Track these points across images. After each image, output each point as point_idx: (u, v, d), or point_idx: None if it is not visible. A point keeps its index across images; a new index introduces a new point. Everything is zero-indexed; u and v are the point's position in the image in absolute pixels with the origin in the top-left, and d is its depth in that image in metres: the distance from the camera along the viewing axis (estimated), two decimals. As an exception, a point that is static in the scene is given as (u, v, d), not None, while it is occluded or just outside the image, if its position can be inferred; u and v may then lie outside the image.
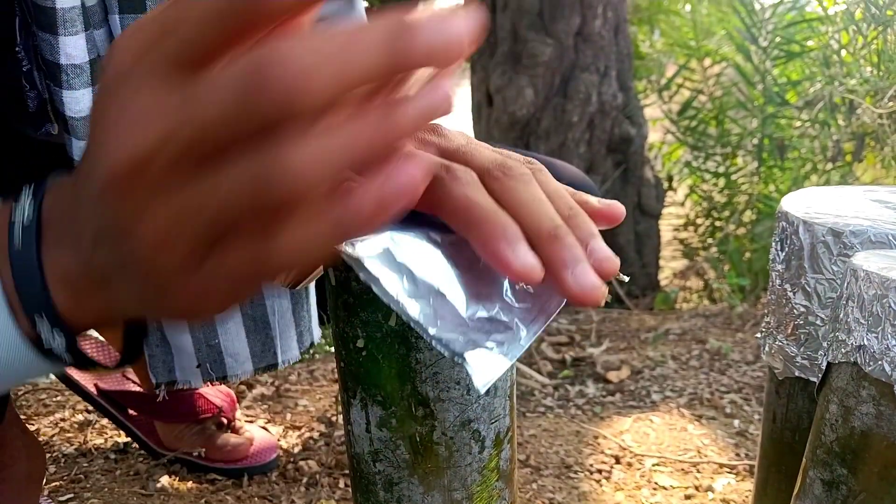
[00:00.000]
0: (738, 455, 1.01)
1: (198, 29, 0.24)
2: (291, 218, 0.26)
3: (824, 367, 0.43)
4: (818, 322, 0.51)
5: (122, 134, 0.25)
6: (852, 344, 0.41)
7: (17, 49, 0.47)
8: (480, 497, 0.39)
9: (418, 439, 0.37)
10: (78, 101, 0.49)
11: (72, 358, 0.34)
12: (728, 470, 0.97)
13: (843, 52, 1.97)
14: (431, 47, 0.24)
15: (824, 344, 0.44)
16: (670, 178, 2.48)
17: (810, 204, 0.54)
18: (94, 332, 0.76)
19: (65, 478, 0.92)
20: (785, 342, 0.54)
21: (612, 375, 1.30)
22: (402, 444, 0.37)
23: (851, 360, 0.41)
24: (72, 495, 0.87)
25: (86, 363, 0.35)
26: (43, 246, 0.33)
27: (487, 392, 0.37)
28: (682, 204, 2.49)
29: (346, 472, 0.96)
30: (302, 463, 0.97)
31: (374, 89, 0.26)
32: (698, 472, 0.97)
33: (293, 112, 0.23)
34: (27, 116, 0.51)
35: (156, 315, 0.33)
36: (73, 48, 0.47)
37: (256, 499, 0.89)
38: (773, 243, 0.54)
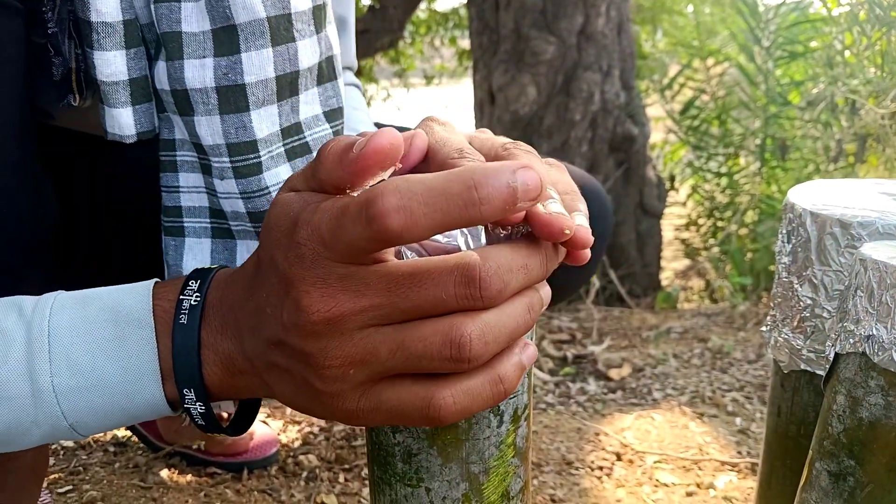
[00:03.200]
0: (739, 453, 1.00)
1: (360, 242, 0.31)
2: (462, 376, 0.33)
3: (832, 358, 0.43)
4: (825, 315, 0.51)
5: (324, 295, 0.32)
6: (861, 334, 0.40)
7: (43, 9, 0.45)
8: (497, 472, 0.39)
9: None
10: (109, 63, 0.46)
11: (204, 423, 0.40)
12: (730, 467, 0.96)
13: (847, 53, 1.97)
14: (502, 199, 0.31)
15: (831, 335, 0.44)
16: (672, 178, 2.48)
17: (817, 196, 0.53)
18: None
19: (64, 470, 0.91)
20: (791, 335, 0.53)
21: (614, 373, 1.30)
22: None
23: (860, 350, 0.40)
24: (70, 487, 0.87)
25: (214, 429, 0.41)
26: (204, 327, 0.38)
27: None
28: (684, 204, 2.49)
29: (346, 466, 0.95)
30: (302, 457, 0.97)
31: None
32: (700, 469, 0.96)
33: (490, 307, 0.32)
34: (51, 86, 0.48)
35: (303, 410, 0.39)
36: (104, 5, 0.45)
37: (256, 493, 0.88)
38: (780, 235, 0.54)
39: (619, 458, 0.99)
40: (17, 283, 0.50)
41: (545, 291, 0.37)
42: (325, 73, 0.52)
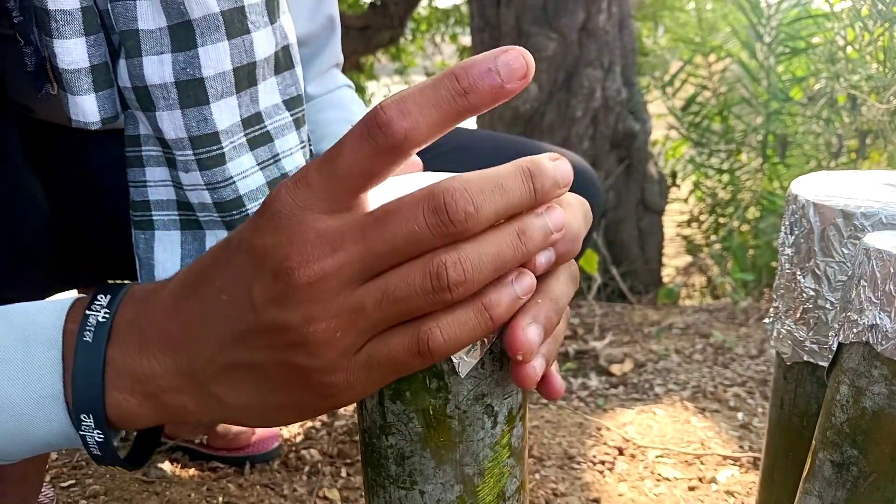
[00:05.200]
0: (741, 447, 1.00)
1: (363, 163, 0.31)
2: (448, 308, 0.32)
3: (835, 348, 0.43)
4: (827, 306, 0.51)
5: (303, 254, 0.31)
6: (864, 323, 0.40)
7: None
8: (492, 473, 0.39)
9: (431, 412, 0.37)
10: (69, 51, 0.46)
11: (100, 453, 0.37)
12: (732, 462, 0.96)
13: (849, 49, 1.97)
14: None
15: (835, 326, 0.44)
16: (674, 175, 2.48)
17: (820, 187, 0.53)
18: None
19: (66, 464, 0.91)
20: (794, 327, 0.53)
21: (616, 368, 1.30)
22: (416, 417, 0.37)
23: (863, 339, 0.40)
24: (73, 481, 0.87)
25: (110, 460, 0.38)
26: (114, 346, 0.35)
27: (501, 366, 0.37)
28: (686, 200, 2.49)
29: (348, 461, 0.95)
30: (304, 452, 0.97)
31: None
32: (702, 463, 0.96)
33: (467, 235, 0.31)
34: (27, 77, 0.48)
35: (274, 410, 0.36)
36: None
37: (258, 487, 0.88)
38: (782, 227, 0.54)
39: (620, 452, 0.99)
40: (16, 283, 0.50)
41: (553, 218, 0.33)
42: (283, 62, 0.53)
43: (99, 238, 0.71)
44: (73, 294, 0.39)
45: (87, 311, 0.35)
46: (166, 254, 0.53)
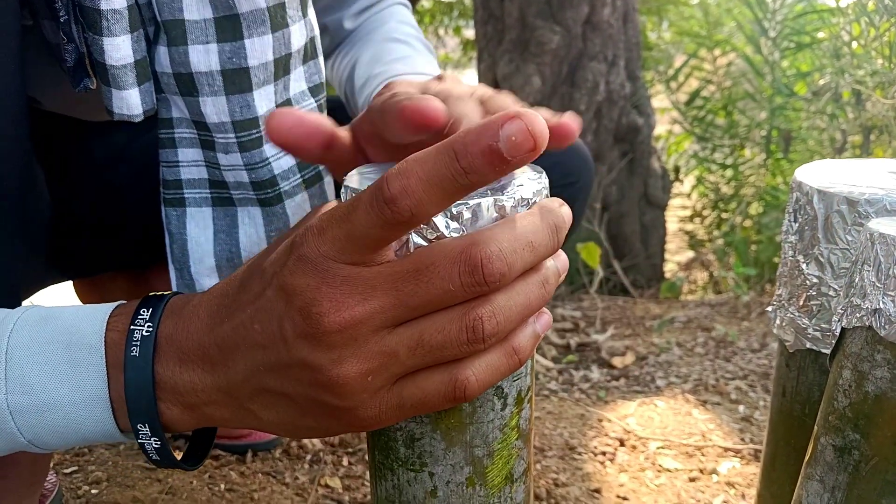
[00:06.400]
0: (742, 439, 1.00)
1: (375, 230, 0.31)
2: (480, 354, 0.34)
3: (838, 333, 0.43)
4: (831, 293, 0.51)
5: (333, 301, 0.32)
6: (867, 308, 0.40)
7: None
8: (500, 455, 0.39)
9: None
10: (118, 48, 0.48)
11: (158, 458, 0.39)
12: (733, 454, 0.96)
13: (854, 44, 1.96)
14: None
15: (838, 310, 0.44)
16: (677, 169, 2.47)
17: (825, 174, 0.53)
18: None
19: (69, 451, 0.92)
20: (797, 314, 0.53)
21: (617, 361, 1.30)
22: None
23: (866, 324, 0.40)
24: (76, 468, 0.88)
25: (169, 464, 0.40)
26: (159, 360, 0.37)
27: None
28: (689, 195, 2.48)
29: (350, 449, 0.96)
30: (305, 440, 0.97)
31: None
32: (703, 455, 0.96)
33: (499, 289, 0.33)
34: (66, 72, 0.50)
35: (305, 434, 0.39)
36: None
37: (260, 475, 0.89)
38: (787, 214, 0.54)
39: (622, 443, 1.00)
40: (21, 270, 0.50)
41: (561, 262, 0.37)
42: (309, 52, 0.56)
43: (98, 230, 0.72)
44: (110, 304, 0.40)
45: (132, 326, 0.37)
46: (198, 229, 0.55)
